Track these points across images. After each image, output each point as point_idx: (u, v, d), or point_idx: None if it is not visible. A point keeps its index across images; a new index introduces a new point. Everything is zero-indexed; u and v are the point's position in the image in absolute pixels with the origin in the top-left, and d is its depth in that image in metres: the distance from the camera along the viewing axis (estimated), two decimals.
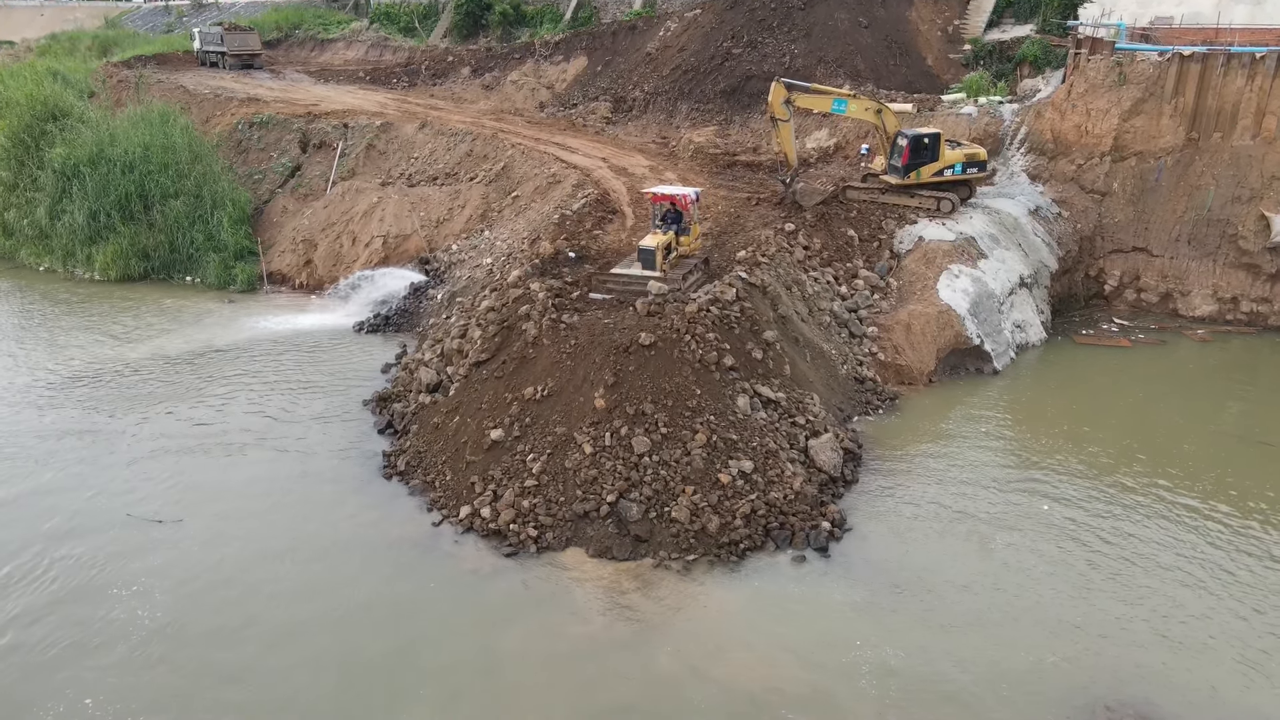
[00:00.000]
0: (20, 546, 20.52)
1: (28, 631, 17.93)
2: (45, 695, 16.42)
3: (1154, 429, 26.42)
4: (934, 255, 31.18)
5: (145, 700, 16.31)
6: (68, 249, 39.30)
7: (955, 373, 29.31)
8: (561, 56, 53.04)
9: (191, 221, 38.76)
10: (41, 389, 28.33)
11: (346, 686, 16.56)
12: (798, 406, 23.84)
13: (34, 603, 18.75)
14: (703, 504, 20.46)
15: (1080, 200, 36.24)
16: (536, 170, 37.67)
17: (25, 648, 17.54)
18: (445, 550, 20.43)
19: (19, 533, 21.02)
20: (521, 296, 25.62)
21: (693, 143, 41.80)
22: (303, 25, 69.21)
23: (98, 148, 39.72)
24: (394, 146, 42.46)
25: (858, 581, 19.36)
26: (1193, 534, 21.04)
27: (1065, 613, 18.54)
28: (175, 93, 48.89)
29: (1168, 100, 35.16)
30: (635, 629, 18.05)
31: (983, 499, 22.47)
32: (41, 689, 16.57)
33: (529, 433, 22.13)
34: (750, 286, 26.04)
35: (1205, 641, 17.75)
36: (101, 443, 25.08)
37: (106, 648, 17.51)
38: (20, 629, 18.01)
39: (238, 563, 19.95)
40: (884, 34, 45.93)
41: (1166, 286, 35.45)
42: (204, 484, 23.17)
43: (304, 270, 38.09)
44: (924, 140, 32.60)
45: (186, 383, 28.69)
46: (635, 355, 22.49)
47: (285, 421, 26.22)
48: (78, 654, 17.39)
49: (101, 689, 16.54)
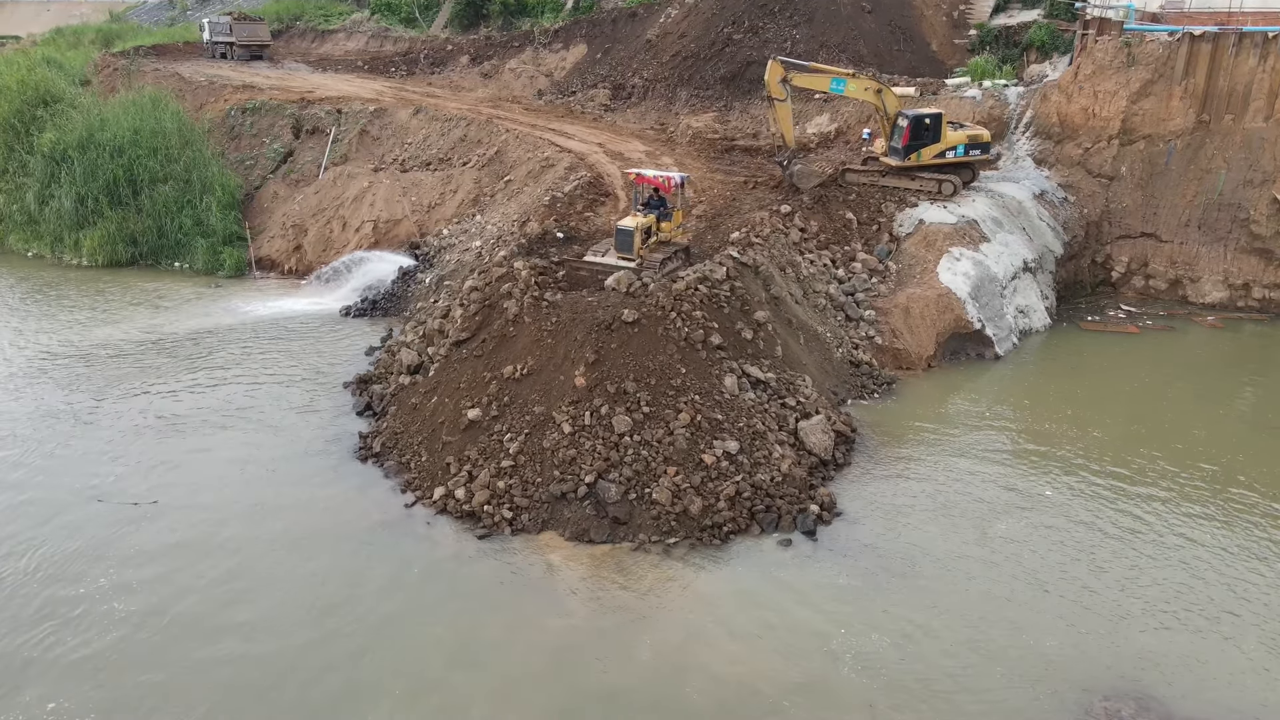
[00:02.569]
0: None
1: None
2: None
3: (1161, 414, 25.46)
4: (934, 238, 30.26)
5: (106, 696, 15.48)
6: (56, 234, 38.73)
7: (955, 357, 28.39)
8: (561, 44, 52.27)
9: (180, 207, 38.15)
10: (22, 371, 27.71)
11: (308, 680, 15.71)
12: (788, 388, 22.97)
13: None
14: (685, 485, 19.62)
15: (1087, 184, 35.24)
16: (529, 155, 36.91)
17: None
18: (417, 533, 19.64)
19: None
20: (505, 275, 24.84)
21: (691, 128, 41.00)
22: (304, 16, 68.62)
23: (87, 132, 39.18)
24: (387, 132, 41.78)
25: (845, 566, 18.49)
26: (1199, 522, 20.08)
27: (1063, 601, 17.64)
28: (169, 80, 48.36)
29: (1178, 82, 34.13)
30: (611, 615, 17.21)
31: (980, 484, 21.56)
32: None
33: (507, 412, 21.33)
34: (742, 266, 25.20)
35: (1209, 633, 16.81)
36: (81, 424, 24.38)
37: (75, 636, 16.67)
38: None
39: (205, 548, 19.17)
40: (887, 19, 45.00)
41: (1176, 273, 34.42)
42: (180, 466, 22.39)
43: (293, 255, 37.45)
44: (925, 121, 31.68)
45: (167, 366, 28.03)
46: (618, 332, 21.67)
47: (264, 405, 25.51)
48: (48, 646, 16.61)
49: (68, 680, 15.79)
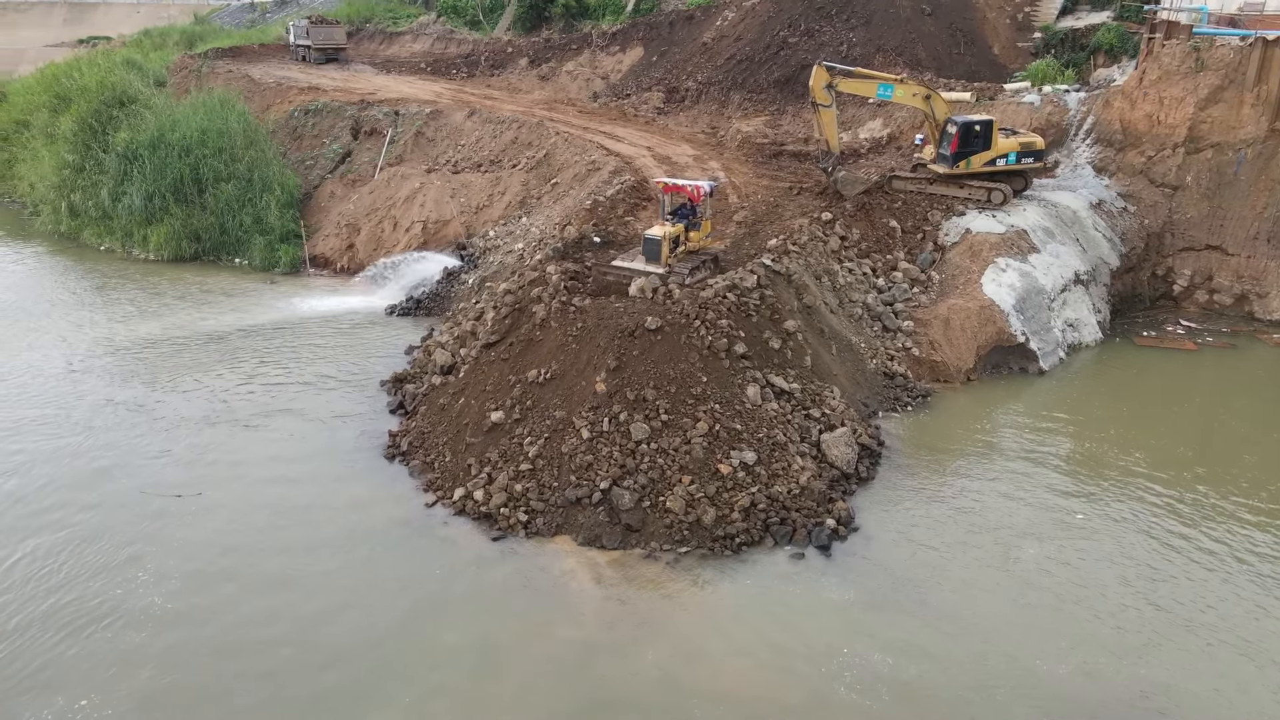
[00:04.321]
0: (42, 507, 20.82)
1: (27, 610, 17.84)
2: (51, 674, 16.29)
3: (1211, 438, 24.43)
4: (980, 248, 29.51)
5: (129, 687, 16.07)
6: (127, 230, 40.36)
7: (997, 371, 27.66)
8: (618, 47, 52.52)
9: (241, 204, 39.41)
10: (85, 360, 28.96)
11: (323, 681, 16.02)
12: (814, 399, 22.68)
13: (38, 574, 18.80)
14: (699, 495, 19.54)
15: (1149, 194, 33.95)
16: (577, 158, 37.15)
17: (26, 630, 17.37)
18: (434, 533, 19.94)
19: (46, 496, 21.36)
20: (537, 279, 25.09)
21: (741, 132, 40.75)
22: (373, 18, 70.29)
23: (158, 132, 40.75)
24: (442, 134, 42.53)
25: (855, 584, 18.18)
26: (1244, 556, 19.13)
27: (1085, 630, 17.02)
28: (240, 81, 50.03)
29: (1249, 88, 32.65)
30: (617, 625, 17.20)
31: (1005, 505, 20.95)
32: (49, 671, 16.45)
33: (529, 415, 21.53)
34: (774, 274, 24.97)
35: (1242, 676, 16.01)
36: (135, 412, 25.37)
37: (108, 625, 17.27)
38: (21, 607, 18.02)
39: (231, 542, 19.68)
40: (948, 21, 44.06)
41: (1242, 287, 32.92)
42: (220, 459, 23.12)
43: (346, 254, 38.37)
44: (975, 128, 30.90)
45: (216, 359, 28.97)
46: (640, 339, 21.69)
47: (304, 400, 26.18)
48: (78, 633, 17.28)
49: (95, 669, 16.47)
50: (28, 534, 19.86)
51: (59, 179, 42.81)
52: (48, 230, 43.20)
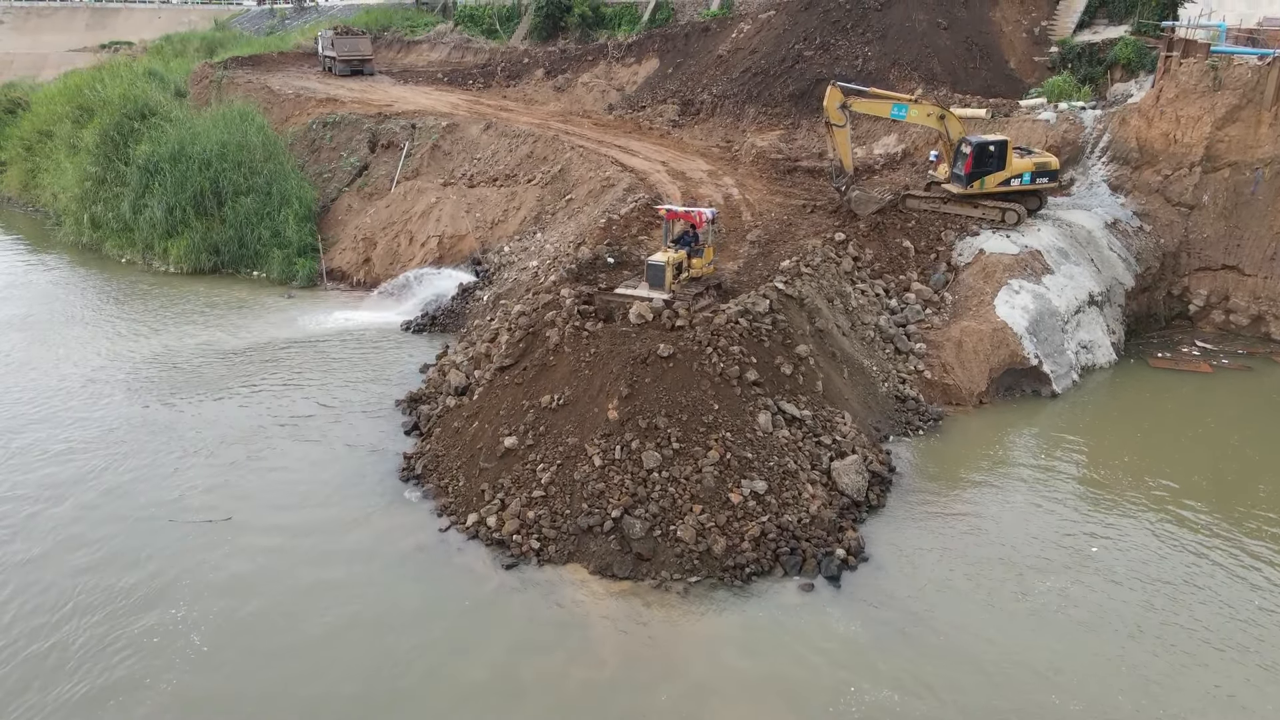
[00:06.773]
0: (55, 527, 21.25)
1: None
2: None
3: (1227, 464, 24.33)
4: (994, 269, 29.52)
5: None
6: (147, 242, 40.91)
7: (1010, 394, 27.66)
8: (633, 58, 52.66)
9: (260, 218, 39.88)
10: (102, 375, 29.41)
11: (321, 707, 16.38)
12: (825, 425, 22.78)
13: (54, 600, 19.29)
14: (710, 524, 19.69)
15: (1165, 213, 33.82)
16: (592, 174, 37.35)
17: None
18: (450, 560, 20.13)
19: (60, 519, 21.78)
20: (551, 302, 25.28)
21: (755, 147, 40.83)
22: (392, 26, 70.74)
23: (179, 145, 41.28)
24: (458, 147, 42.83)
25: (864, 616, 18.27)
26: (1260, 593, 19.06)
27: (1100, 667, 17.01)
28: (259, 93, 50.52)
29: (1267, 107, 32.47)
30: (627, 658, 17.31)
31: (1022, 534, 20.96)
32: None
33: (542, 442, 21.75)
34: (786, 298, 25.09)
35: (1248, 708, 16.04)
36: (151, 431, 25.72)
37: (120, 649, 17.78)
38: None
39: (240, 569, 20.00)
40: (964, 35, 43.94)
41: (1259, 308, 32.73)
42: (232, 483, 23.34)
43: (362, 268, 38.77)
44: (989, 148, 30.89)
45: (228, 376, 29.26)
46: (652, 366, 21.86)
47: (317, 419, 26.49)
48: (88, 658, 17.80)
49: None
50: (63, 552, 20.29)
51: (81, 190, 43.48)
52: (70, 241, 43.86)
